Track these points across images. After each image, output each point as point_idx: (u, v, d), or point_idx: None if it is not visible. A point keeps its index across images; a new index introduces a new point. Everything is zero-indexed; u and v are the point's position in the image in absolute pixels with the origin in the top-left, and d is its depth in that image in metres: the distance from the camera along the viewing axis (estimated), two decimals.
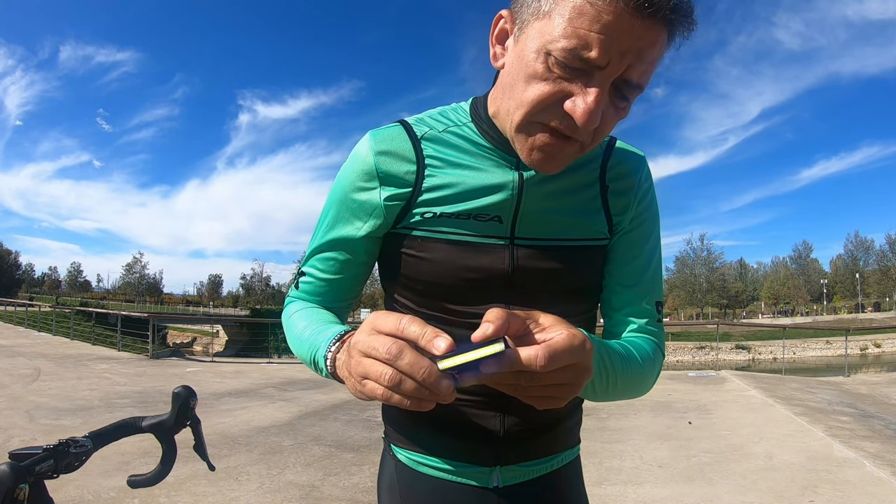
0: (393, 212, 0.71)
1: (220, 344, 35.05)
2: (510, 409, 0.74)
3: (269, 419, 5.44)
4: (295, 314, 0.78)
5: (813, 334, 36.74)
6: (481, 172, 0.70)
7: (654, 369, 0.75)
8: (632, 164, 0.76)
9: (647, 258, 0.77)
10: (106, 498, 3.12)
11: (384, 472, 0.83)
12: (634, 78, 0.59)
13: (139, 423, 0.84)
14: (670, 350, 36.40)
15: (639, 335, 0.76)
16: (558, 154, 0.63)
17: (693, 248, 68.25)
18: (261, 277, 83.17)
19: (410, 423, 0.78)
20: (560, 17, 0.56)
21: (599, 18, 0.54)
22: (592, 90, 0.57)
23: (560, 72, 0.58)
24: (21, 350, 11.11)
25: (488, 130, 0.71)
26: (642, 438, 4.77)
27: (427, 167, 0.70)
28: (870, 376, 10.03)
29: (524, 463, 0.77)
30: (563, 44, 0.56)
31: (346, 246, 0.76)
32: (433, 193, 0.70)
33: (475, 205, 0.69)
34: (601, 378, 0.65)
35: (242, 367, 10.26)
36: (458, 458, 0.76)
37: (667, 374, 9.93)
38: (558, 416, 0.79)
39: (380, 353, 0.48)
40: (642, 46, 0.56)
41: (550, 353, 0.48)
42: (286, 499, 3.25)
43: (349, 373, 0.56)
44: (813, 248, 72.83)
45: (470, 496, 0.76)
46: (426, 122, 0.73)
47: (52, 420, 5.10)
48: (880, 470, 3.64)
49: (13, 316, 19.68)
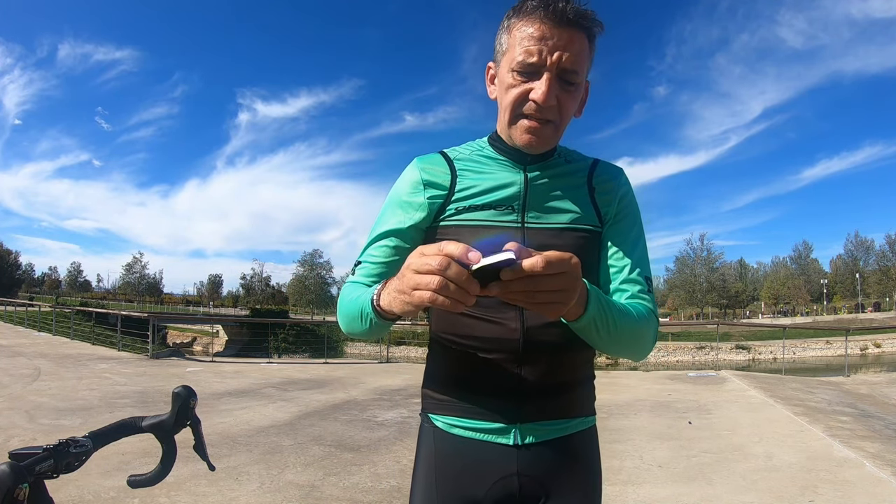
0: (434, 208, 0.96)
1: (220, 344, 35.03)
2: (527, 369, 0.91)
3: (269, 419, 5.44)
4: (348, 290, 0.97)
5: (813, 334, 36.72)
6: (497, 175, 0.96)
7: (650, 328, 0.91)
8: (612, 172, 1.01)
9: (633, 241, 0.98)
10: (106, 498, 3.12)
11: (422, 441, 0.99)
12: (569, 66, 0.86)
13: (139, 423, 0.84)
14: (670, 350, 36.45)
15: (633, 300, 0.93)
16: (540, 133, 0.90)
17: (693, 248, 68.16)
18: (261, 277, 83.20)
19: (445, 390, 0.97)
20: (514, 46, 0.88)
21: (534, 35, 0.86)
22: (544, 80, 0.86)
23: (522, 78, 0.88)
24: (21, 350, 11.11)
25: (500, 146, 0.98)
26: (642, 438, 4.77)
27: (458, 175, 0.96)
28: (870, 376, 10.03)
29: (540, 422, 0.92)
30: (518, 59, 0.87)
31: (396, 234, 0.97)
32: (463, 192, 0.95)
33: (493, 198, 0.94)
34: (602, 318, 0.79)
35: (242, 367, 10.26)
36: (483, 418, 0.92)
37: (667, 374, 9.93)
38: (571, 380, 0.95)
39: (432, 266, 0.64)
40: (566, 44, 0.85)
41: (546, 260, 0.64)
42: (286, 499, 3.26)
43: (399, 291, 0.73)
44: (813, 248, 72.75)
45: (494, 452, 0.92)
46: (457, 149, 1.01)
47: (52, 420, 5.10)
48: (880, 470, 3.64)
49: (13, 316, 19.68)
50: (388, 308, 0.79)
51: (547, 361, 0.92)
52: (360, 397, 6.93)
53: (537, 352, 0.91)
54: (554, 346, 0.91)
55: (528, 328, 0.90)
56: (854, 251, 66.96)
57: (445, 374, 0.98)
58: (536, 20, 0.85)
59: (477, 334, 0.92)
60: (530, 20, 0.86)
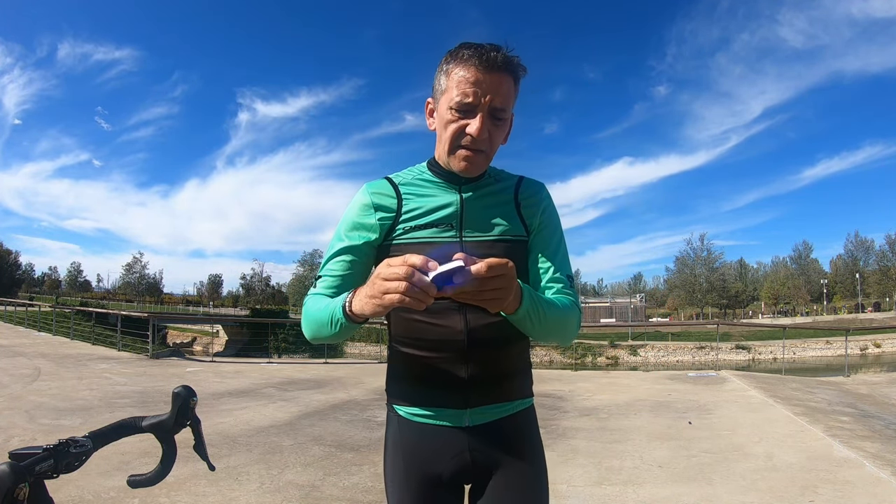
0: (384, 228, 1.10)
1: (220, 344, 35.03)
2: (472, 362, 1.07)
3: (269, 419, 5.44)
4: (312, 301, 1.09)
5: (813, 334, 36.70)
6: (436, 197, 1.11)
7: (573, 316, 1.08)
8: (534, 188, 1.17)
9: (555, 247, 1.14)
10: (106, 498, 3.12)
11: (389, 429, 1.15)
12: (498, 105, 1.02)
13: (139, 423, 0.84)
14: (670, 350, 36.45)
15: (558, 295, 1.09)
16: (474, 161, 1.06)
17: (693, 248, 68.19)
18: (261, 277, 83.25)
19: (405, 384, 1.13)
20: (452, 87, 1.03)
21: (469, 80, 1.01)
22: (478, 118, 1.02)
23: (459, 115, 1.03)
24: (21, 350, 11.11)
25: (438, 171, 1.12)
26: (642, 438, 4.77)
27: (403, 199, 1.10)
28: (870, 376, 10.03)
29: (487, 406, 1.09)
30: (456, 99, 1.02)
31: (352, 251, 1.10)
32: (408, 214, 1.09)
33: (434, 217, 1.09)
34: (534, 310, 0.95)
35: (242, 367, 10.26)
36: (438, 405, 1.08)
37: (667, 374, 9.93)
38: (509, 370, 1.12)
39: (399, 274, 0.79)
40: (496, 87, 1.02)
41: (488, 264, 0.80)
42: (286, 499, 3.26)
43: (370, 296, 0.87)
44: (813, 248, 72.81)
45: (449, 435, 1.08)
46: (401, 174, 1.16)
47: (52, 420, 5.10)
48: (880, 470, 3.63)
49: (13, 316, 19.68)
50: (360, 311, 0.92)
51: (488, 355, 1.08)
52: (360, 397, 6.93)
53: (479, 348, 1.06)
54: (493, 342, 1.07)
55: (471, 329, 1.06)
56: (854, 251, 67.01)
57: (404, 370, 1.13)
58: (472, 66, 1.01)
59: (428, 336, 1.07)
60: (466, 66, 1.01)
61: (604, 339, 36.90)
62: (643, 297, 68.71)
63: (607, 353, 35.31)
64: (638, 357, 36.12)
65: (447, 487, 1.09)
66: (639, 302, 63.99)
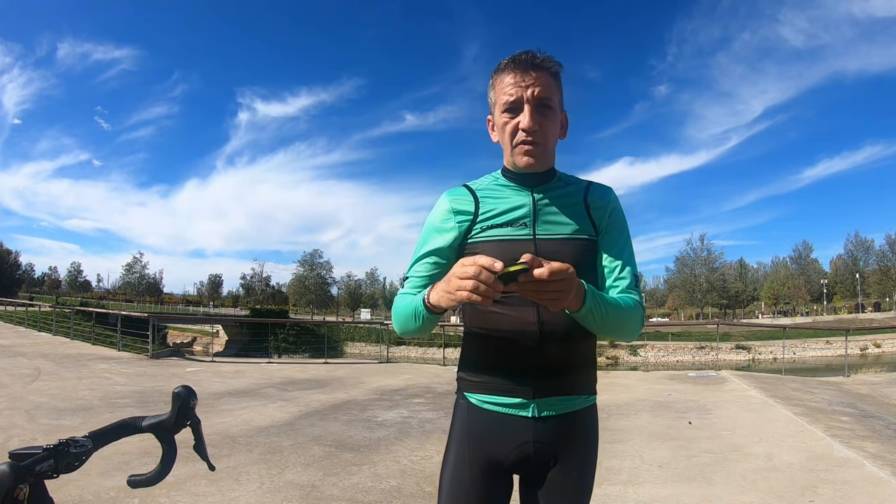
0: (462, 229, 1.19)
1: (220, 344, 35.00)
2: (542, 354, 1.12)
3: (269, 419, 5.44)
4: (401, 299, 1.19)
5: (813, 334, 36.72)
6: (510, 199, 1.19)
7: (636, 315, 1.14)
8: (603, 192, 1.24)
9: (622, 247, 1.21)
10: (106, 498, 3.12)
11: (457, 415, 1.22)
12: (541, 95, 1.12)
13: (139, 423, 0.84)
14: (670, 350, 36.45)
15: (623, 294, 1.15)
16: (533, 153, 1.14)
17: (693, 248, 68.09)
18: (261, 277, 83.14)
19: (477, 372, 1.19)
20: (499, 95, 1.16)
21: (510, 82, 1.14)
22: (525, 110, 1.12)
23: (510, 115, 1.15)
24: (21, 350, 11.11)
25: (509, 175, 1.22)
26: (642, 438, 4.76)
27: (480, 202, 1.20)
28: (870, 376, 10.03)
29: (554, 397, 1.13)
30: (503, 101, 1.15)
31: (437, 253, 1.21)
32: (485, 215, 1.18)
33: (509, 217, 1.17)
34: (597, 309, 1.02)
35: (242, 367, 10.26)
36: (508, 394, 1.13)
37: (667, 374, 9.93)
38: (576, 364, 1.16)
39: (469, 273, 0.90)
40: (535, 81, 1.12)
41: (551, 270, 0.89)
42: (286, 499, 3.25)
43: (446, 291, 0.97)
44: (813, 248, 72.71)
45: (516, 424, 1.13)
46: (478, 182, 1.25)
47: (52, 420, 5.10)
48: (880, 470, 3.63)
49: (13, 316, 19.68)
50: (437, 303, 1.03)
51: (558, 346, 1.12)
52: (360, 397, 6.93)
53: (551, 339, 1.12)
54: (564, 334, 1.12)
55: (543, 321, 1.11)
56: (854, 251, 66.95)
57: (477, 359, 1.19)
58: (510, 71, 1.14)
59: (502, 327, 1.14)
60: (506, 73, 1.15)
61: (604, 338, 36.86)
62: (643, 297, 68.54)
63: (607, 353, 35.31)
64: (638, 357, 36.12)
65: (503, 475, 1.15)
66: None
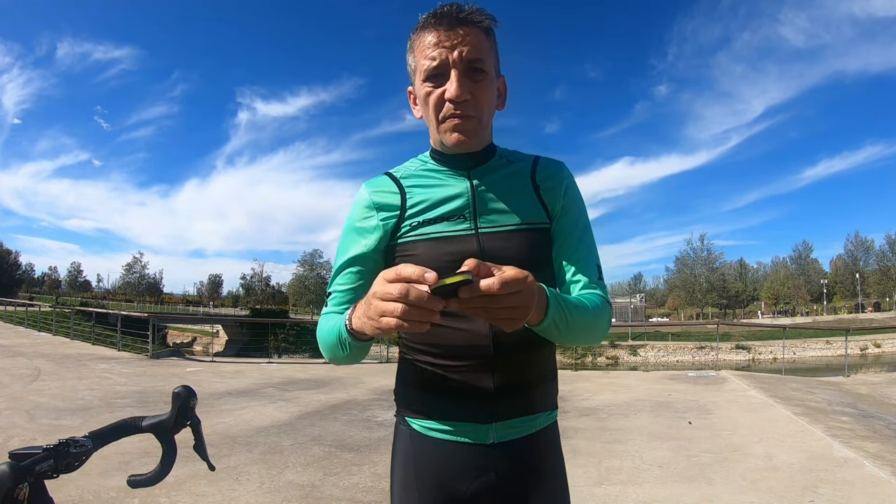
0: (388, 228, 0.98)
1: (220, 344, 35.00)
2: (498, 370, 0.94)
3: (269, 419, 5.44)
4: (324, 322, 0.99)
5: (813, 334, 36.69)
6: (444, 187, 0.98)
7: (604, 315, 0.95)
8: (554, 168, 1.03)
9: (580, 233, 1.01)
10: (106, 498, 3.12)
11: (398, 444, 1.02)
12: (470, 57, 0.90)
13: (139, 423, 0.84)
14: (670, 350, 36.43)
15: (586, 291, 0.97)
16: (464, 128, 0.92)
17: (693, 248, 68.03)
18: (261, 277, 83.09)
19: (420, 394, 0.99)
20: (419, 60, 0.93)
21: (431, 43, 0.91)
22: (452, 77, 0.90)
23: (433, 83, 0.92)
24: (21, 350, 11.11)
25: (440, 158, 1.01)
26: (642, 438, 4.76)
27: (407, 193, 0.99)
28: (870, 376, 10.03)
29: (514, 419, 0.96)
30: (424, 67, 0.92)
31: (359, 261, 1.00)
32: (414, 209, 0.97)
33: (444, 209, 0.96)
34: (561, 317, 0.83)
35: (242, 367, 10.26)
36: (459, 419, 0.95)
37: (667, 374, 9.93)
38: (537, 378, 0.99)
39: (393, 294, 0.67)
40: (461, 40, 0.89)
41: (502, 280, 0.67)
42: (286, 499, 3.25)
43: (368, 317, 0.74)
44: (813, 248, 72.73)
45: (472, 453, 0.95)
46: (401, 168, 1.04)
47: (52, 420, 5.10)
48: (880, 470, 3.63)
49: (13, 316, 19.67)
50: (360, 330, 0.81)
51: (516, 361, 0.96)
52: (360, 397, 6.93)
53: (507, 353, 0.94)
54: (522, 346, 0.95)
55: (497, 332, 0.93)
56: (854, 251, 66.91)
57: (420, 379, 0.99)
58: (431, 30, 0.91)
59: (449, 342, 0.94)
60: (425, 32, 0.92)
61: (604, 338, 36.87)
62: (643, 297, 68.64)
63: (607, 353, 35.30)
64: (638, 357, 36.11)
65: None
66: (639, 302, 63.91)
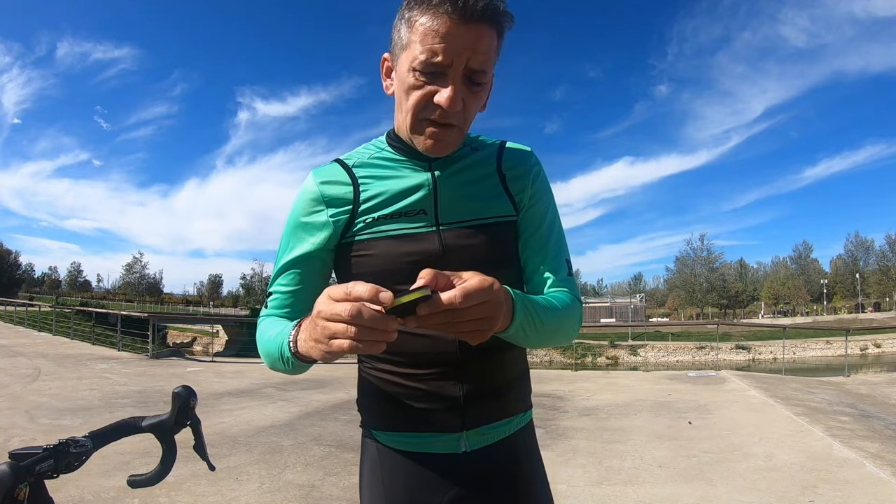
0: (339, 225, 0.89)
1: (220, 344, 35.00)
2: (466, 376, 0.88)
3: (269, 419, 5.44)
4: (264, 326, 0.91)
5: (813, 334, 36.68)
6: (402, 179, 0.89)
7: (574, 313, 0.90)
8: (521, 156, 0.95)
9: (549, 225, 0.95)
10: (106, 498, 3.12)
11: (365, 458, 0.96)
12: (477, 66, 0.79)
13: (139, 423, 0.84)
14: (670, 350, 36.42)
15: (555, 289, 0.91)
16: (444, 139, 0.84)
17: (693, 248, 68.26)
18: (261, 277, 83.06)
19: (385, 405, 0.92)
20: (415, 43, 0.79)
21: (438, 33, 0.76)
22: (450, 85, 0.79)
23: (425, 79, 0.80)
24: (21, 350, 11.11)
25: (400, 146, 0.90)
26: (642, 438, 4.76)
27: (360, 185, 0.89)
28: (870, 376, 10.02)
29: (486, 426, 0.90)
30: (421, 57, 0.78)
31: (304, 261, 0.91)
32: (368, 203, 0.88)
33: (402, 204, 0.88)
34: (529, 322, 0.78)
35: (242, 367, 10.26)
36: (428, 429, 0.89)
37: (667, 374, 9.93)
38: (509, 381, 0.94)
39: (342, 315, 0.60)
40: (473, 43, 0.77)
41: (465, 292, 0.62)
42: (286, 499, 3.25)
43: (315, 340, 0.67)
44: (813, 248, 72.93)
45: (442, 464, 0.89)
46: (354, 154, 0.93)
47: (52, 420, 5.10)
48: (880, 470, 3.63)
49: (13, 316, 19.67)
50: (307, 354, 0.73)
51: (486, 366, 0.90)
52: None
53: (475, 358, 0.88)
54: (491, 349, 0.86)
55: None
56: (854, 251, 67.02)
57: (385, 390, 0.92)
58: (442, 15, 0.76)
59: (413, 350, 0.87)
60: (435, 15, 0.76)
61: (604, 339, 36.87)
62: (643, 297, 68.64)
63: (607, 353, 35.30)
64: (638, 357, 36.10)
65: None
66: (639, 302, 63.91)
